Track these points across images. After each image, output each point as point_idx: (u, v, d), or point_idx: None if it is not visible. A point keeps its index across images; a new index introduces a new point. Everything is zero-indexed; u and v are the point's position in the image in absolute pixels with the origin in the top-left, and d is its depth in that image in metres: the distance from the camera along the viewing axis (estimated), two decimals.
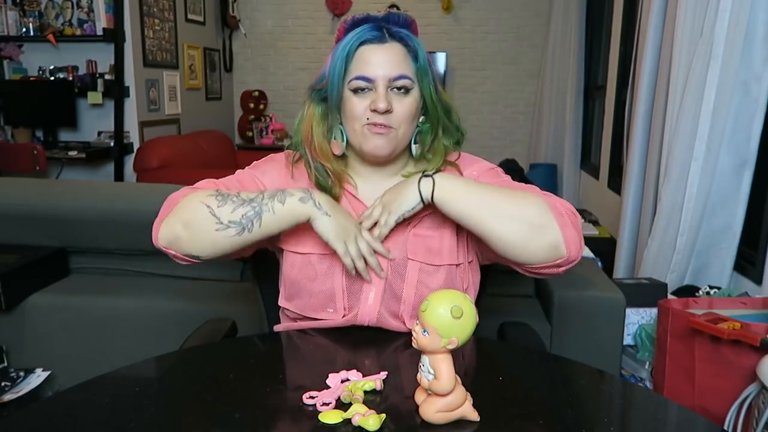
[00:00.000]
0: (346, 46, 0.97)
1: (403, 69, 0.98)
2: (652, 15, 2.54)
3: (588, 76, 4.61)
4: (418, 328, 0.74)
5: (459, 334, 0.73)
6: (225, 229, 0.92)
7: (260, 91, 5.43)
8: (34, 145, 3.52)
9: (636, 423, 0.83)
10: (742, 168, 2.09)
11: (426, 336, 0.73)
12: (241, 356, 0.95)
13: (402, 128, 1.00)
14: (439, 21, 5.26)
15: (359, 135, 0.99)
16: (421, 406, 0.76)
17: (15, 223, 1.84)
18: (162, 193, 0.99)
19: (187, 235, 0.93)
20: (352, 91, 0.98)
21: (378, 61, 0.97)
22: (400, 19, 1.00)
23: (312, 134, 1.02)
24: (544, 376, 0.94)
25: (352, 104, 0.98)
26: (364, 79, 0.97)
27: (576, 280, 1.75)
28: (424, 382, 0.75)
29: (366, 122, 0.98)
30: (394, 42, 0.98)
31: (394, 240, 1.02)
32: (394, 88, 0.98)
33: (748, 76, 2.01)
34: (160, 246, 0.96)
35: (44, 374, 1.71)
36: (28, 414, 0.78)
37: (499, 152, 5.33)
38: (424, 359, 0.75)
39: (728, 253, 2.16)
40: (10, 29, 3.75)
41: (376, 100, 0.96)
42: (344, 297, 1.01)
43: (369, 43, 0.97)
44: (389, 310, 1.01)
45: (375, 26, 0.98)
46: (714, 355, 1.60)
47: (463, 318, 0.72)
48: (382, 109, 0.95)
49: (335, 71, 0.98)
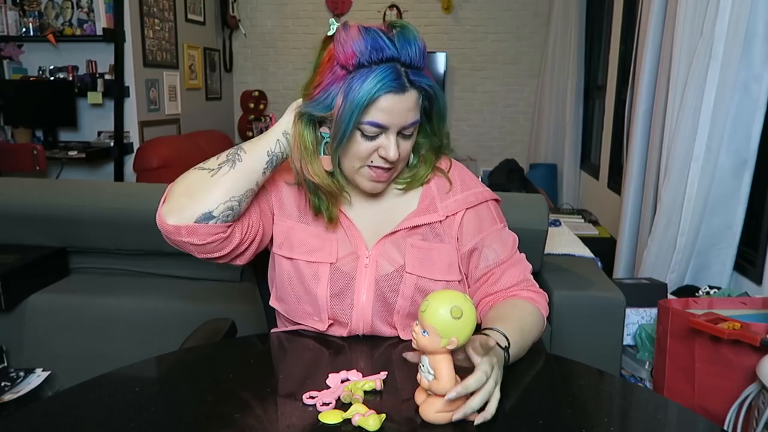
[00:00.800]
0: (368, 93, 0.89)
1: (416, 115, 0.95)
2: (652, 15, 2.54)
3: (588, 76, 4.61)
4: (417, 328, 0.74)
5: (459, 334, 0.73)
6: (218, 170, 0.94)
7: (260, 91, 5.43)
8: (34, 145, 3.52)
9: (636, 423, 0.83)
10: (742, 168, 2.09)
11: (426, 336, 0.73)
12: (240, 356, 0.95)
13: (401, 165, 1.00)
14: (439, 21, 5.26)
15: (356, 173, 0.97)
16: (421, 406, 0.76)
17: (15, 223, 1.84)
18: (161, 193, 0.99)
19: (188, 197, 0.93)
20: (359, 131, 0.93)
21: (396, 111, 0.92)
22: (416, 52, 0.91)
23: (301, 156, 0.96)
24: (544, 376, 0.94)
25: (358, 144, 0.94)
26: (379, 126, 0.92)
27: (576, 280, 1.75)
28: (424, 382, 0.75)
29: (368, 164, 0.96)
30: (413, 90, 0.92)
31: (390, 249, 1.01)
32: (401, 133, 0.95)
33: (748, 76, 2.01)
34: (172, 232, 0.93)
35: (44, 374, 1.71)
36: (28, 414, 0.78)
37: (499, 152, 5.33)
38: (423, 359, 0.75)
39: (728, 253, 2.16)
40: (10, 29, 3.75)
41: (386, 148, 0.93)
42: (329, 307, 1.00)
43: (390, 92, 0.90)
44: (382, 319, 1.02)
45: (396, 72, 0.89)
46: (714, 355, 1.60)
47: (462, 318, 0.72)
48: (394, 159, 0.93)
49: (348, 114, 0.90)
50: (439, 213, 1.03)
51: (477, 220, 1.04)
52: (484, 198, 1.06)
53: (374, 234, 1.03)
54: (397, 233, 1.02)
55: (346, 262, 1.01)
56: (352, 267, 1.01)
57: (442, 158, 1.08)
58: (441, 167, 1.07)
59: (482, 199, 1.06)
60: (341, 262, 1.01)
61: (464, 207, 1.04)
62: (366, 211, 1.04)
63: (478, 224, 1.04)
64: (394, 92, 0.90)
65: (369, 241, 1.02)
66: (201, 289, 1.84)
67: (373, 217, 1.04)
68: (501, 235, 1.06)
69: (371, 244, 1.02)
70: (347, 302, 1.00)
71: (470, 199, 1.05)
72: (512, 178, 4.41)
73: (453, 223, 1.03)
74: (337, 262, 1.01)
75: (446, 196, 1.04)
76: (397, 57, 0.89)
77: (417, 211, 1.03)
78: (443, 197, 1.04)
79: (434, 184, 1.06)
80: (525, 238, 1.12)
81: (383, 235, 1.02)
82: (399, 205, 1.05)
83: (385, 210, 1.05)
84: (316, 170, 0.96)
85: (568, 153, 4.67)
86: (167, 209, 0.94)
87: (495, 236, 1.05)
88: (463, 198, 1.04)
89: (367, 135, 0.93)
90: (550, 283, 1.71)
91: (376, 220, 1.04)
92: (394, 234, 1.02)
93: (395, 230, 1.02)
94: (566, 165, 4.71)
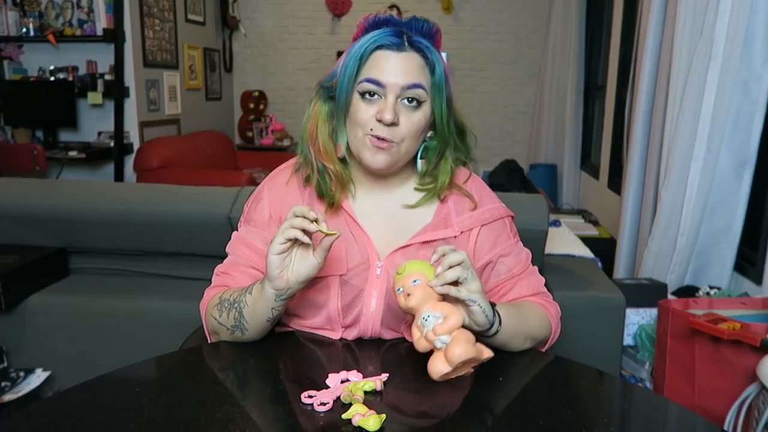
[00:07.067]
0: (362, 47, 0.92)
1: (418, 78, 0.92)
2: (652, 15, 2.54)
3: (588, 76, 4.61)
4: (402, 294, 0.84)
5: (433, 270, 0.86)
6: (234, 331, 0.96)
7: (260, 91, 5.43)
8: (34, 146, 3.52)
9: (636, 423, 0.83)
10: (742, 168, 2.09)
11: (418, 284, 0.83)
12: (240, 356, 0.95)
13: (405, 144, 0.95)
14: (439, 21, 5.25)
15: (360, 143, 0.95)
16: (437, 362, 0.82)
17: (15, 223, 1.84)
18: (162, 193, 0.99)
19: (219, 337, 1.01)
20: (360, 95, 0.93)
21: (392, 68, 0.91)
22: (423, 27, 0.94)
23: (317, 132, 0.98)
24: (544, 376, 0.94)
25: (357, 109, 0.94)
26: (375, 82, 0.92)
27: (576, 280, 1.75)
28: (432, 333, 0.81)
29: (369, 132, 0.93)
30: (413, 51, 0.92)
31: (401, 261, 0.98)
32: (405, 99, 0.93)
33: (748, 76, 2.01)
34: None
35: (44, 374, 1.71)
36: (28, 414, 0.78)
37: (499, 152, 5.33)
38: (424, 312, 0.82)
39: (728, 253, 2.16)
40: (10, 29, 3.75)
41: (383, 109, 0.91)
42: (341, 318, 0.99)
43: (386, 48, 0.92)
44: (389, 328, 1.01)
45: (395, 32, 0.92)
46: (714, 356, 1.60)
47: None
48: (388, 121, 0.91)
49: (346, 71, 0.93)
50: (454, 228, 1.01)
51: (491, 236, 1.03)
52: (499, 215, 1.05)
53: (387, 244, 1.00)
54: (410, 247, 1.00)
55: (357, 272, 0.99)
56: (363, 278, 0.99)
57: (461, 169, 1.06)
58: (458, 179, 1.04)
59: (497, 216, 1.05)
60: (351, 273, 0.99)
61: (479, 224, 1.03)
62: (379, 221, 1.02)
63: (492, 240, 1.03)
64: (391, 49, 0.92)
65: (381, 251, 1.00)
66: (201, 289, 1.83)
67: (386, 227, 1.02)
68: (514, 250, 1.05)
69: (383, 255, 1.00)
70: (356, 311, 0.99)
71: (485, 216, 1.03)
72: (512, 179, 4.41)
73: (468, 239, 1.02)
74: (348, 273, 0.98)
75: (462, 211, 1.03)
76: (400, 25, 0.94)
77: (431, 225, 1.01)
78: (459, 212, 1.03)
79: (452, 201, 1.03)
80: (525, 238, 1.12)
81: (396, 247, 1.00)
82: (413, 216, 1.02)
83: (399, 221, 1.02)
84: (329, 151, 0.98)
85: (568, 153, 4.67)
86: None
87: (508, 251, 1.04)
88: (479, 214, 1.03)
89: (367, 93, 0.93)
90: (550, 283, 1.69)
91: (390, 231, 1.01)
92: (406, 247, 1.00)
93: (408, 244, 1.00)
94: (566, 165, 4.71)
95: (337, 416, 0.75)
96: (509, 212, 1.08)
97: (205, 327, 1.03)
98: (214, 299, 1.00)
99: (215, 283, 1.05)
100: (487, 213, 1.04)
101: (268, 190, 1.05)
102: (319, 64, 5.33)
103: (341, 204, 1.01)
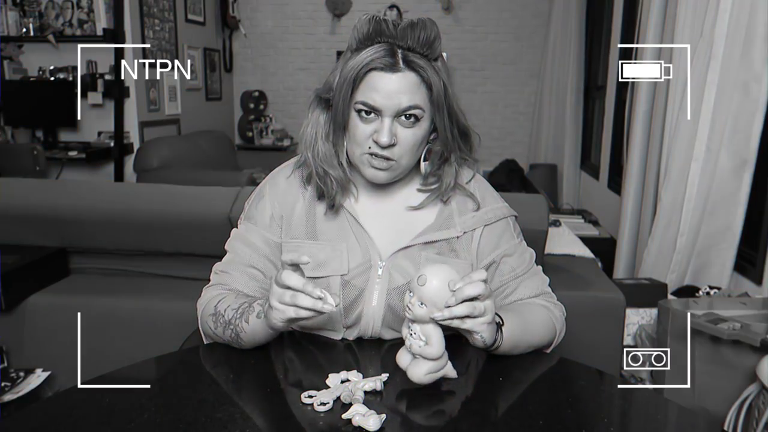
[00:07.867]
0: (355, 69, 0.89)
1: (414, 98, 0.90)
2: (652, 15, 2.54)
3: (588, 76, 4.60)
4: (414, 300, 0.79)
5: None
6: (230, 344, 0.96)
7: (260, 91, 5.43)
8: (34, 146, 3.51)
9: (636, 423, 0.83)
10: (742, 168, 2.09)
11: (423, 308, 0.78)
12: (240, 356, 0.95)
13: (405, 159, 0.94)
14: (439, 21, 5.23)
15: (358, 160, 0.95)
16: (410, 368, 0.81)
17: (15, 223, 1.84)
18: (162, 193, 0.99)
19: (213, 341, 1.01)
20: (356, 112, 0.92)
21: (387, 90, 0.88)
22: (420, 37, 0.89)
23: (316, 139, 0.98)
24: (544, 376, 0.94)
25: (355, 126, 0.92)
26: (370, 107, 0.90)
27: (576, 280, 1.75)
28: (415, 347, 0.80)
29: (367, 151, 0.92)
30: (408, 70, 0.89)
31: (403, 262, 0.99)
32: (403, 116, 0.91)
33: (748, 76, 2.01)
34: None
35: (44, 374, 1.70)
36: (28, 414, 0.78)
37: (499, 152, 5.33)
38: (414, 327, 0.81)
39: (728, 253, 2.16)
40: (10, 29, 3.74)
41: (379, 131, 0.90)
42: (343, 318, 0.99)
43: (380, 70, 0.88)
44: (390, 328, 1.00)
45: (389, 50, 0.88)
46: (714, 355, 1.60)
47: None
48: (385, 144, 0.90)
49: (341, 91, 0.91)
50: (456, 228, 1.01)
51: (494, 237, 1.03)
52: (502, 215, 1.05)
53: (389, 244, 1.00)
54: (413, 247, 0.99)
55: (359, 272, 0.99)
56: (364, 278, 0.99)
57: (465, 169, 1.05)
58: (461, 179, 1.04)
59: (500, 216, 1.04)
60: (352, 273, 0.98)
61: (482, 224, 1.02)
62: (381, 221, 1.01)
63: (495, 240, 1.03)
64: (385, 70, 0.89)
65: (383, 251, 1.00)
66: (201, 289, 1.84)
67: (389, 228, 1.01)
68: (518, 250, 1.05)
69: (385, 255, 0.99)
70: (358, 311, 0.99)
71: (488, 216, 1.03)
72: (512, 179, 4.42)
73: (471, 239, 1.02)
74: (349, 273, 0.98)
75: (465, 212, 1.02)
76: (395, 38, 0.89)
77: (434, 225, 1.01)
78: (462, 212, 1.02)
79: (454, 201, 1.03)
80: (525, 238, 1.12)
81: (398, 248, 0.99)
82: (416, 217, 1.02)
83: (402, 221, 1.02)
84: (329, 157, 0.97)
85: (568, 153, 4.67)
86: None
87: (512, 251, 1.04)
88: (482, 214, 1.03)
89: (363, 117, 0.92)
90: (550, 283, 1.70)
91: (391, 231, 1.01)
92: (409, 248, 0.99)
93: (410, 245, 0.99)
94: (566, 165, 4.71)
95: (337, 416, 0.75)
96: (512, 212, 1.07)
97: (199, 326, 1.03)
98: (209, 306, 0.99)
99: (214, 282, 1.05)
100: (489, 213, 1.03)
101: (270, 187, 1.05)
102: (319, 64, 5.33)
103: (342, 204, 1.00)
